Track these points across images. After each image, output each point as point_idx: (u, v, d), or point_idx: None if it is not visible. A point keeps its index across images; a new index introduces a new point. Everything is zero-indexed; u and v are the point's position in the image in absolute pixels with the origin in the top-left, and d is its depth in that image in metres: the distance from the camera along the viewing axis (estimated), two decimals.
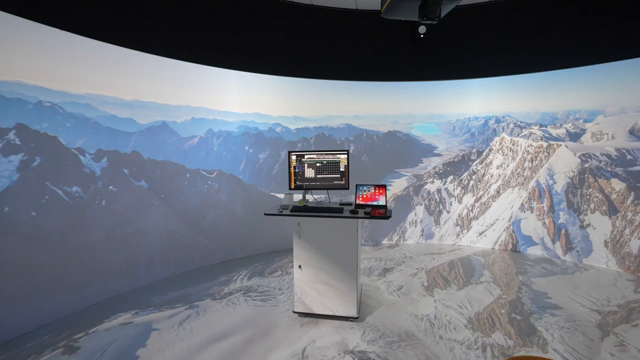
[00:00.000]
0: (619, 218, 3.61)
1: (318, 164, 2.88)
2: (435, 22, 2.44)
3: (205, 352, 2.21)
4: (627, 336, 2.36)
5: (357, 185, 2.85)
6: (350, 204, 2.82)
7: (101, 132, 2.91)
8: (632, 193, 3.52)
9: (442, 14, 2.49)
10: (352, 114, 4.59)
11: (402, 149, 4.69)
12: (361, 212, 2.49)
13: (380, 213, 2.51)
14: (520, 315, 2.68)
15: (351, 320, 2.59)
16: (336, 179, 2.88)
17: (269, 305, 2.87)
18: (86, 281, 2.83)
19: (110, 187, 2.99)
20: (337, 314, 2.57)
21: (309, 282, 2.59)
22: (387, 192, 4.70)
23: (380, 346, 2.27)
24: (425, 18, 2.36)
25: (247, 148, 4.17)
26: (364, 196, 2.82)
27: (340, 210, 2.55)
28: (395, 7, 2.40)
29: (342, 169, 2.88)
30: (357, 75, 4.42)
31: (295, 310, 2.64)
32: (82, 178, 2.78)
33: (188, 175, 3.66)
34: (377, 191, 2.81)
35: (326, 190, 2.95)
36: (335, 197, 3.10)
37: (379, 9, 2.40)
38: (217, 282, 3.36)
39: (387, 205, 2.83)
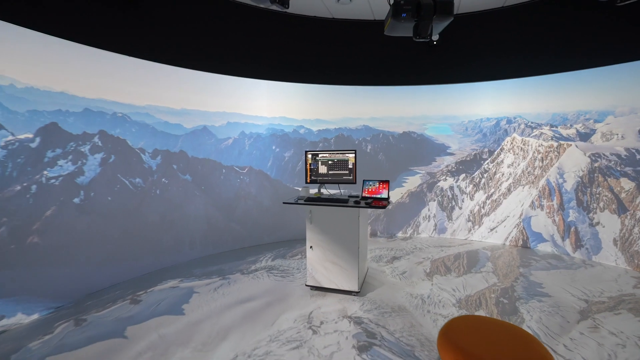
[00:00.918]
0: (628, 217, 3.68)
1: (330, 162, 3.36)
2: (428, 40, 2.83)
3: (232, 310, 2.80)
4: (604, 321, 2.58)
5: (364, 180, 3.29)
6: (357, 197, 3.27)
7: (156, 135, 3.63)
8: None
9: (434, 33, 2.87)
10: (369, 116, 4.99)
11: (417, 148, 5.01)
12: (363, 203, 2.94)
13: (380, 204, 2.94)
14: (507, 299, 2.96)
15: (353, 295, 3.05)
16: (345, 174, 3.34)
17: (286, 280, 3.42)
18: (145, 253, 3.57)
19: (163, 179, 3.72)
20: (342, 288, 3.04)
21: (318, 261, 3.09)
22: (401, 188, 5.08)
23: (374, 314, 2.71)
24: (418, 37, 2.76)
25: (274, 147, 4.76)
26: (369, 190, 3.26)
27: (345, 201, 3.01)
28: (394, 27, 2.82)
29: (350, 166, 3.34)
30: (373, 81, 4.82)
31: (307, 283, 3.15)
32: (143, 172, 3.52)
33: (224, 170, 4.33)
34: (380, 186, 3.24)
35: (338, 185, 3.43)
36: (346, 191, 3.56)
37: None
38: (245, 262, 3.98)
39: (389, 198, 3.24)
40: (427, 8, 2.61)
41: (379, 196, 3.18)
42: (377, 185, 3.26)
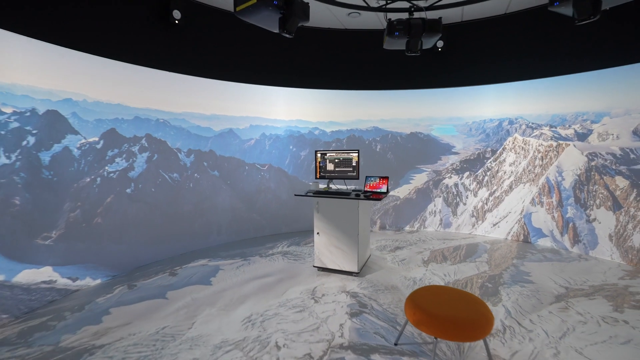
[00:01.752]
0: (623, 213, 3.84)
1: (336, 160, 3.84)
2: (419, 54, 3.22)
3: (250, 283, 3.37)
4: (576, 304, 2.87)
5: (366, 176, 3.75)
6: (360, 191, 3.72)
7: (190, 137, 4.29)
8: (635, 190, 3.74)
9: (425, 46, 3.27)
10: (379, 118, 5.40)
11: (423, 147, 5.35)
12: (362, 196, 3.39)
13: (378, 197, 3.39)
14: (492, 284, 3.30)
15: (354, 275, 3.51)
16: (349, 171, 3.80)
17: (298, 263, 3.95)
18: (180, 237, 4.24)
19: (195, 174, 4.37)
20: (343, 269, 3.52)
21: (324, 245, 3.58)
22: (409, 185, 5.46)
23: (368, 291, 3.16)
24: (409, 52, 3.17)
25: (291, 147, 5.30)
26: (371, 185, 3.71)
27: (347, 194, 3.48)
28: (390, 43, 3.25)
29: (353, 164, 3.80)
30: (383, 85, 5.22)
31: (315, 265, 3.65)
32: (179, 168, 4.19)
33: (246, 167, 4.93)
34: (381, 181, 3.68)
35: (344, 180, 3.90)
36: (351, 186, 4.01)
37: None
38: (264, 247, 4.55)
39: (388, 192, 3.66)
40: (417, 27, 3.01)
41: (378, 190, 3.63)
42: (378, 181, 3.70)
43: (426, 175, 5.36)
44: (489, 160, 4.98)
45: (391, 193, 5.47)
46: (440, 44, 4.77)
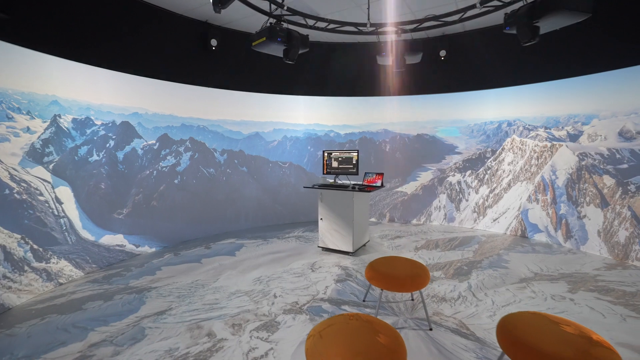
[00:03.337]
0: (609, 210, 4.06)
1: (340, 158, 4.55)
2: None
3: (265, 257, 4.21)
4: (535, 285, 3.27)
5: (365, 172, 4.41)
6: (358, 184, 4.39)
7: (224, 139, 5.26)
8: (620, 188, 3.94)
9: (409, 63, 3.85)
10: (388, 121, 5.97)
11: (429, 148, 5.82)
12: (357, 188, 4.06)
13: (371, 189, 4.05)
14: (468, 267, 3.78)
15: (349, 255, 4.20)
16: (350, 168, 4.49)
17: (307, 244, 4.72)
18: (215, 221, 5.24)
19: (228, 170, 5.34)
20: (341, 249, 4.22)
21: (326, 229, 4.31)
22: (415, 182, 5.97)
23: (357, 266, 3.84)
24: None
25: (309, 148, 6.09)
26: (368, 180, 4.37)
27: (346, 187, 4.17)
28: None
29: (354, 162, 4.47)
30: (391, 92, 5.79)
31: (319, 245, 4.40)
32: (215, 164, 5.18)
33: (270, 165, 5.81)
34: (377, 177, 4.32)
35: (347, 175, 4.58)
36: (354, 182, 4.68)
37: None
38: (282, 232, 5.40)
39: (383, 185, 4.28)
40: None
41: (374, 184, 4.28)
42: (374, 177, 4.35)
43: (431, 173, 5.83)
44: (489, 160, 5.33)
45: (399, 189, 6.02)
46: (443, 53, 5.24)
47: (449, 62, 5.30)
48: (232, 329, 2.55)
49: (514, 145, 5.05)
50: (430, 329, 2.52)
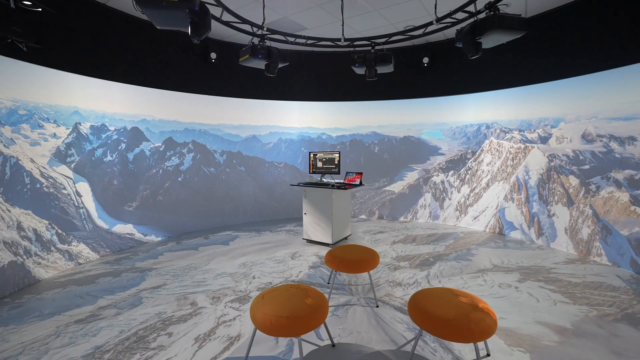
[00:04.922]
0: (574, 209, 4.29)
1: (323, 159, 5.00)
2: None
3: (254, 246, 4.73)
4: (489, 274, 3.60)
5: (346, 171, 4.85)
6: (338, 183, 4.82)
7: (223, 142, 5.84)
8: (583, 188, 4.17)
9: (381, 72, 4.24)
10: (377, 124, 6.36)
11: (414, 149, 6.16)
12: (335, 186, 4.50)
13: (348, 187, 4.48)
14: (434, 259, 4.13)
15: (329, 246, 4.64)
16: (333, 168, 4.94)
17: (295, 237, 5.20)
18: (214, 215, 5.82)
19: (227, 169, 5.92)
20: (322, 241, 4.67)
21: (309, 222, 4.78)
22: (402, 182, 6.33)
23: None
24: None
25: (302, 149, 6.57)
26: (349, 178, 4.81)
27: (326, 185, 4.62)
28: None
29: (336, 162, 4.92)
30: (380, 96, 6.17)
31: (303, 237, 4.87)
32: (215, 164, 5.76)
33: (266, 165, 6.34)
34: (356, 176, 4.76)
35: (331, 175, 5.03)
36: (337, 180, 5.12)
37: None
38: (276, 226, 5.91)
39: (361, 184, 4.70)
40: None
41: (353, 183, 4.71)
42: (354, 176, 4.79)
43: (417, 173, 6.16)
44: (470, 161, 5.62)
45: (387, 188, 6.39)
46: (426, 60, 5.59)
47: (432, 68, 5.63)
48: (211, 300, 3.07)
49: (492, 147, 5.32)
50: (377, 306, 2.94)
